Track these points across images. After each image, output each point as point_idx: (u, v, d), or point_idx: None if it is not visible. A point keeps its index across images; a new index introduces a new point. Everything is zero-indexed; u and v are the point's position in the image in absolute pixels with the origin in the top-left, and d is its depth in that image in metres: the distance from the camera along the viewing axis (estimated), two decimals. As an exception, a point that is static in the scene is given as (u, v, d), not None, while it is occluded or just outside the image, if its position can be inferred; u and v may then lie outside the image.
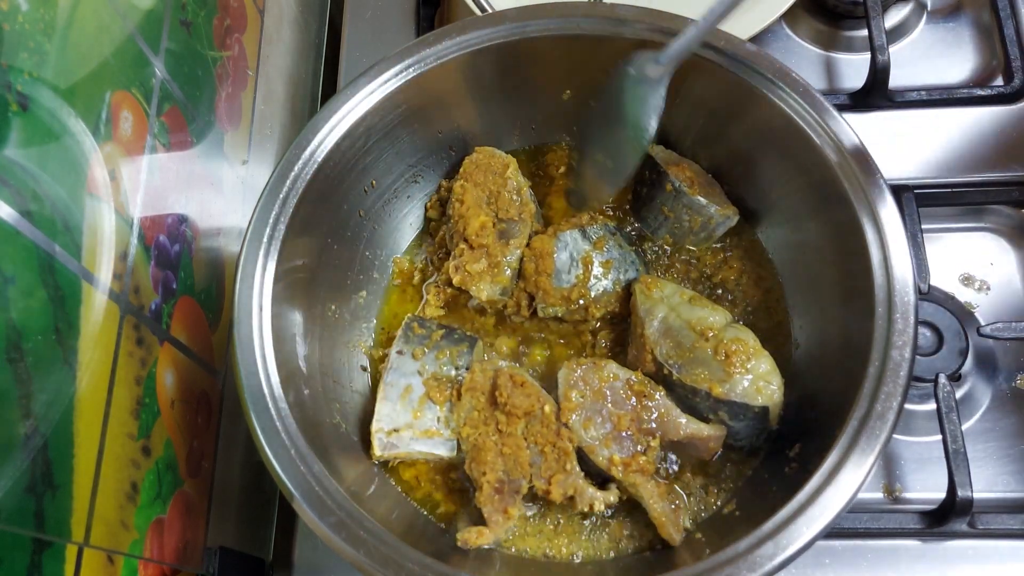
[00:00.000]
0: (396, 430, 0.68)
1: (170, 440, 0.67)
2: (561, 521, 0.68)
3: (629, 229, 0.79)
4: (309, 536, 0.78)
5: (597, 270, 0.73)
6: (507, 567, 0.66)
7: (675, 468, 0.69)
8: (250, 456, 0.82)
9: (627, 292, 0.74)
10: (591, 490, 0.64)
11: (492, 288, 0.72)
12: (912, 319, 0.59)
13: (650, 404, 0.66)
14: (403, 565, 0.56)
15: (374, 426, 0.69)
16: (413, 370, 0.71)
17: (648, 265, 0.77)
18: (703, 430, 0.65)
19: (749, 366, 0.65)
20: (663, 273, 0.78)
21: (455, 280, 0.72)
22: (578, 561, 0.67)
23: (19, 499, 0.48)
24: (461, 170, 0.76)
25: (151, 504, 0.63)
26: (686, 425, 0.65)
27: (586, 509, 0.64)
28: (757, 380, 0.64)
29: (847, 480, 0.55)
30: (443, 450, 0.68)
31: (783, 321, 0.73)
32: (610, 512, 0.68)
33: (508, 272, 0.73)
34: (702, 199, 0.73)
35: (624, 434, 0.65)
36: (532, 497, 0.67)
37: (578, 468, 0.65)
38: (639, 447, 0.65)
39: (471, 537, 0.63)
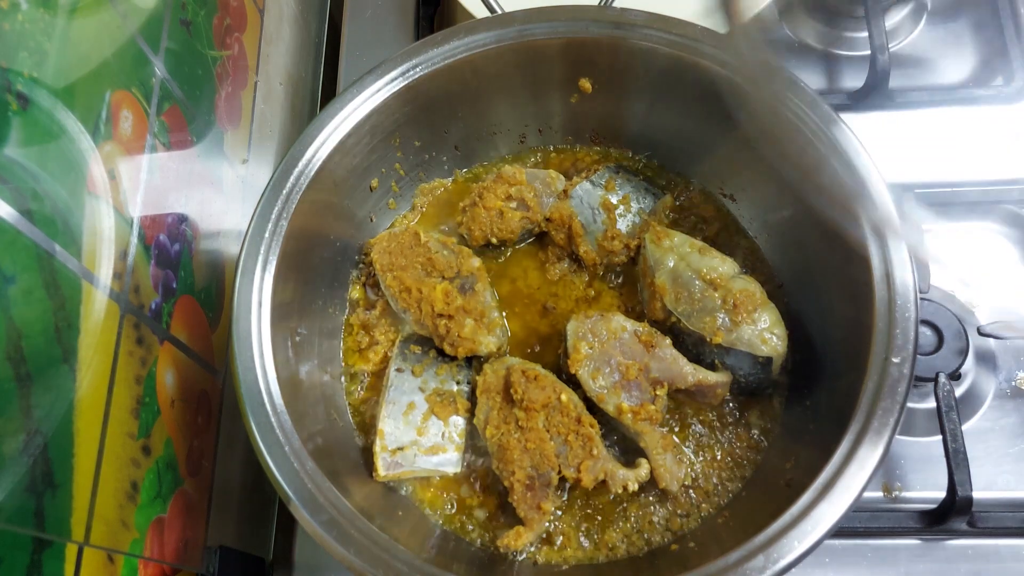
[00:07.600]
0: (401, 448, 0.67)
1: (170, 439, 0.67)
2: (558, 526, 0.68)
3: (626, 163, 0.80)
4: (309, 535, 0.78)
5: (619, 208, 0.76)
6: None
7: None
8: (250, 455, 0.81)
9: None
10: (622, 471, 0.64)
11: (491, 338, 0.72)
12: (912, 335, 0.59)
13: (658, 353, 0.67)
14: (392, 565, 0.56)
15: (377, 446, 0.67)
16: (415, 387, 0.71)
17: (662, 188, 0.78)
18: (709, 378, 0.66)
19: (755, 316, 0.66)
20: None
21: (460, 354, 0.71)
22: (565, 568, 0.66)
23: (19, 498, 0.48)
24: (377, 269, 0.74)
25: (151, 503, 0.63)
26: (693, 373, 0.66)
27: (619, 491, 0.64)
28: (762, 331, 0.65)
29: (840, 495, 0.55)
30: (449, 467, 0.68)
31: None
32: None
33: (495, 315, 0.73)
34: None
35: (632, 383, 0.66)
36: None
37: (605, 451, 0.65)
38: (647, 396, 0.65)
39: (511, 540, 0.63)
